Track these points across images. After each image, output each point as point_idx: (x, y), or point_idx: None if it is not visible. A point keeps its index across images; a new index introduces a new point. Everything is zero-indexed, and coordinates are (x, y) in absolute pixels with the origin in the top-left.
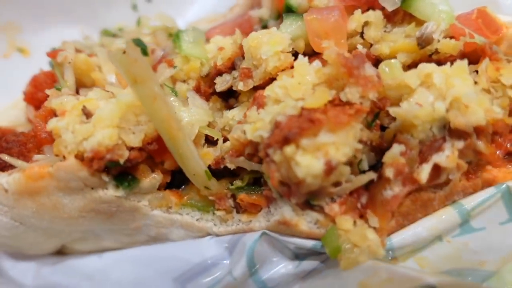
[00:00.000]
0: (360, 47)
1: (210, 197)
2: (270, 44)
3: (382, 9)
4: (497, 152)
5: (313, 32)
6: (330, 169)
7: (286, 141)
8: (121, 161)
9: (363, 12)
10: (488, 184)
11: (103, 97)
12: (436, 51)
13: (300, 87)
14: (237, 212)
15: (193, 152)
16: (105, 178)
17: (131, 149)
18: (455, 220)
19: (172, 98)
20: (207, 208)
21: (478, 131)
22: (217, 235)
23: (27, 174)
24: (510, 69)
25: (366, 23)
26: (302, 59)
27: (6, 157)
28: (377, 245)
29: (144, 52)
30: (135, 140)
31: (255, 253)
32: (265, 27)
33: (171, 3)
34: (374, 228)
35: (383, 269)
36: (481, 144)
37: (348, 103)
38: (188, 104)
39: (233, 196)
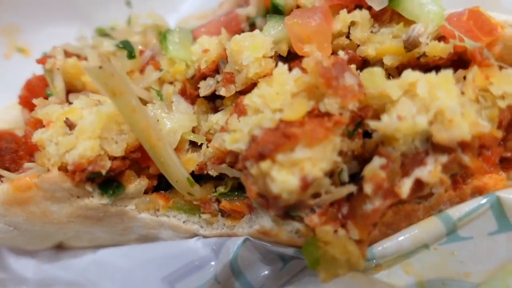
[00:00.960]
0: (341, 53)
1: (195, 202)
2: (251, 49)
3: (369, 8)
4: (484, 166)
5: (295, 36)
6: (306, 185)
7: (261, 156)
8: (103, 172)
9: (349, 11)
10: (478, 191)
11: (88, 105)
12: (424, 54)
13: (278, 97)
14: (222, 215)
15: (174, 160)
16: (89, 188)
17: (114, 158)
18: (440, 230)
19: (159, 103)
20: (193, 211)
21: (463, 145)
22: (204, 237)
23: (15, 185)
24: (501, 77)
25: (352, 23)
26: (282, 68)
27: None
28: (357, 257)
29: (131, 55)
30: (118, 150)
31: (238, 258)
32: (252, 25)
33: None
34: (355, 240)
35: (363, 281)
36: (466, 159)
37: (327, 114)
38: (171, 106)
39: (218, 200)
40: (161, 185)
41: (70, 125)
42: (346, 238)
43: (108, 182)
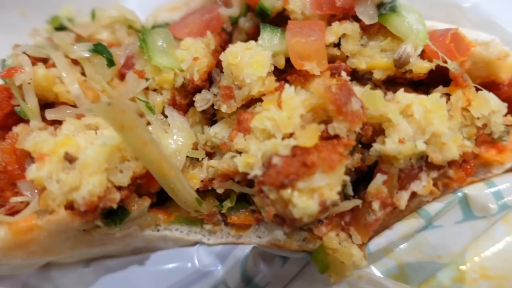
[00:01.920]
0: (344, 74)
1: (200, 216)
2: (254, 67)
3: (358, 20)
4: (464, 176)
5: (296, 53)
6: (325, 208)
7: (283, 186)
8: (115, 206)
9: (338, 19)
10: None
11: (78, 129)
12: (410, 71)
13: (290, 122)
14: (226, 225)
15: (184, 185)
16: (98, 222)
17: (120, 188)
18: (421, 224)
19: (153, 119)
20: (195, 222)
21: (450, 162)
22: (208, 245)
23: (15, 230)
24: (480, 101)
25: (343, 35)
26: (290, 92)
27: None
28: (360, 258)
29: (110, 62)
30: (124, 180)
31: (247, 266)
32: (235, 23)
33: None
34: (357, 244)
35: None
36: (451, 172)
37: (336, 136)
38: (167, 123)
39: (220, 211)
40: (159, 199)
41: (70, 160)
42: (350, 243)
43: (112, 210)
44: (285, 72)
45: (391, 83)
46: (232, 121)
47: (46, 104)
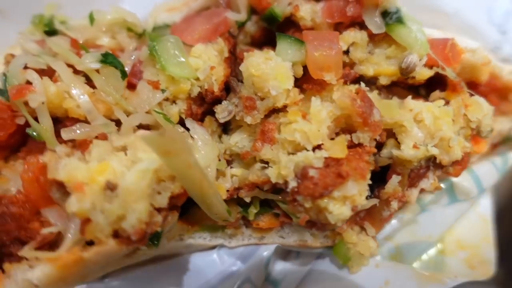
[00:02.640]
0: (363, 85)
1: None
2: (278, 79)
3: (365, 28)
4: (461, 171)
5: (317, 65)
6: (356, 212)
7: (321, 196)
8: (159, 229)
9: (346, 27)
10: None
11: (107, 151)
12: (412, 77)
13: (319, 133)
14: (247, 227)
15: (219, 199)
16: (143, 247)
17: (159, 209)
18: (418, 211)
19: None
20: (217, 228)
21: (453, 161)
22: (229, 248)
23: (60, 265)
24: (476, 106)
25: (352, 43)
26: (317, 104)
27: (36, 273)
28: (375, 248)
29: (124, 73)
30: (163, 201)
31: (269, 264)
32: (241, 26)
33: None
34: (372, 236)
35: None
36: (451, 169)
37: (359, 145)
38: (188, 136)
39: (243, 216)
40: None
41: (112, 188)
42: (367, 236)
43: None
44: (299, 80)
45: (389, 86)
46: (251, 129)
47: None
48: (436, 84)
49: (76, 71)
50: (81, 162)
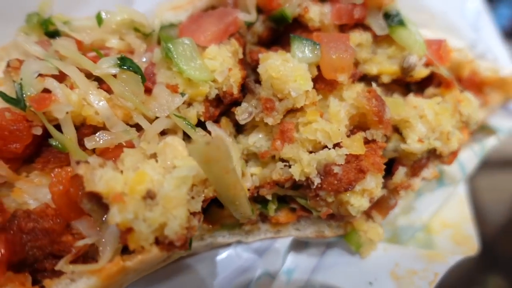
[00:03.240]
0: (374, 85)
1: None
2: (298, 81)
3: (368, 29)
4: (454, 159)
5: (332, 66)
6: (372, 203)
7: (345, 191)
8: (197, 233)
9: (349, 29)
10: None
11: (139, 159)
12: (411, 76)
13: (339, 132)
14: (263, 222)
15: (247, 200)
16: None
17: (194, 214)
18: (412, 197)
19: (196, 134)
20: (234, 226)
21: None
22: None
23: (104, 276)
24: (467, 102)
25: (358, 44)
26: (336, 104)
27: (80, 286)
28: (382, 234)
29: (143, 78)
30: (198, 206)
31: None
32: (250, 25)
33: None
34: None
35: None
36: (447, 159)
37: (372, 141)
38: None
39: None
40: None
41: (152, 196)
42: (373, 223)
43: None
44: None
45: (387, 84)
46: (267, 129)
47: None
48: (426, 80)
49: (87, 76)
50: (116, 172)
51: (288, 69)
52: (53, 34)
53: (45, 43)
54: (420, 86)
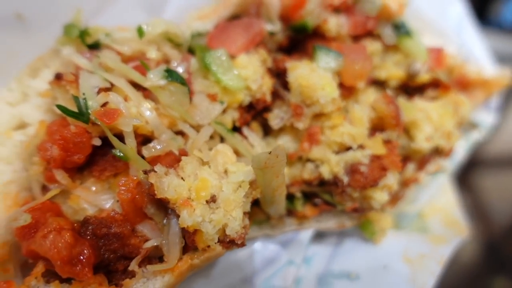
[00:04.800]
0: (388, 91)
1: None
2: (326, 89)
3: (378, 38)
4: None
5: (353, 75)
6: (390, 196)
7: (371, 187)
8: (249, 231)
9: (361, 38)
10: None
11: (196, 166)
12: (415, 80)
13: (363, 134)
14: (288, 216)
15: (284, 198)
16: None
17: (245, 213)
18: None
19: (236, 140)
20: (262, 221)
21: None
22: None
23: (177, 273)
24: (463, 104)
25: (372, 53)
26: (359, 109)
27: (157, 284)
28: (391, 223)
29: (188, 88)
30: (248, 206)
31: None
32: (272, 34)
33: None
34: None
35: None
36: (445, 153)
37: (388, 141)
38: (248, 143)
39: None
40: None
41: (214, 200)
42: (386, 213)
43: None
44: None
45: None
46: (294, 132)
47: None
48: (425, 83)
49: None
50: (179, 179)
51: (315, 78)
52: (92, 45)
53: (86, 54)
54: (419, 89)
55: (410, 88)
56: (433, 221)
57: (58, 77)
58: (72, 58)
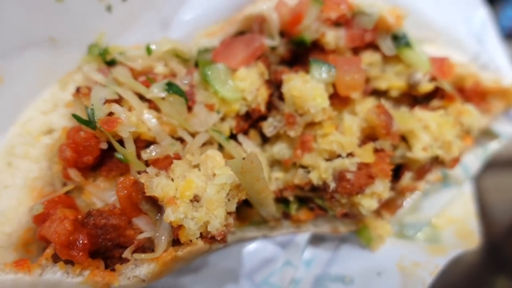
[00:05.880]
0: (383, 101)
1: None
2: (317, 100)
3: (378, 49)
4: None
5: (346, 86)
6: (380, 204)
7: (357, 194)
8: (233, 229)
9: (362, 49)
10: None
11: (186, 169)
12: (416, 90)
13: (352, 143)
14: (285, 219)
15: (273, 201)
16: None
17: (230, 213)
18: (419, 196)
19: (230, 146)
20: (260, 222)
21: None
22: (270, 237)
23: (162, 262)
24: (468, 113)
25: (369, 64)
26: (350, 119)
27: (143, 270)
28: (390, 230)
29: (186, 100)
30: (233, 207)
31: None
32: (273, 48)
33: (149, 1)
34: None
35: None
36: (449, 164)
37: (381, 150)
38: (242, 149)
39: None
40: None
41: (198, 199)
42: (384, 221)
43: None
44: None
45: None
46: (289, 140)
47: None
48: (432, 93)
49: (139, 97)
50: (168, 180)
51: (307, 89)
52: (111, 62)
53: (105, 71)
54: (427, 98)
55: (420, 98)
56: (447, 232)
57: (77, 90)
58: (90, 74)
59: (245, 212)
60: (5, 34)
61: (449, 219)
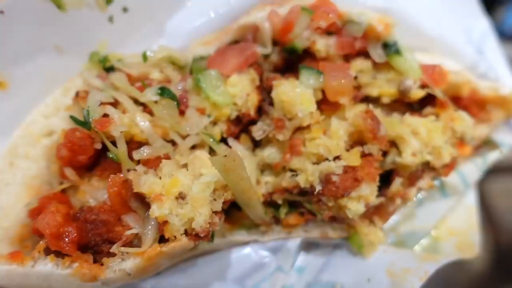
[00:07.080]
0: (371, 106)
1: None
2: (304, 104)
3: (370, 57)
4: (449, 172)
5: (334, 91)
6: (367, 208)
7: (342, 196)
8: (218, 228)
9: (353, 57)
10: None
11: (174, 168)
12: (408, 97)
13: (338, 147)
14: (276, 224)
15: (260, 203)
16: (205, 242)
17: (216, 212)
18: (415, 205)
19: (220, 149)
20: (252, 226)
21: (443, 165)
22: (261, 242)
23: (146, 257)
24: (460, 120)
25: (360, 70)
26: (336, 123)
27: (128, 264)
28: (382, 238)
29: (178, 103)
30: (219, 206)
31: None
32: (266, 56)
33: (149, 11)
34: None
35: None
36: (442, 171)
37: (369, 154)
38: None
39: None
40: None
41: (183, 197)
42: (376, 228)
43: None
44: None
45: (389, 104)
46: (279, 144)
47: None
48: (427, 99)
49: (135, 102)
50: (156, 178)
51: (295, 94)
52: (109, 68)
53: (103, 76)
54: (421, 105)
55: (415, 105)
56: (448, 243)
57: (76, 94)
58: (89, 79)
59: (235, 215)
60: (14, 43)
61: (449, 230)
